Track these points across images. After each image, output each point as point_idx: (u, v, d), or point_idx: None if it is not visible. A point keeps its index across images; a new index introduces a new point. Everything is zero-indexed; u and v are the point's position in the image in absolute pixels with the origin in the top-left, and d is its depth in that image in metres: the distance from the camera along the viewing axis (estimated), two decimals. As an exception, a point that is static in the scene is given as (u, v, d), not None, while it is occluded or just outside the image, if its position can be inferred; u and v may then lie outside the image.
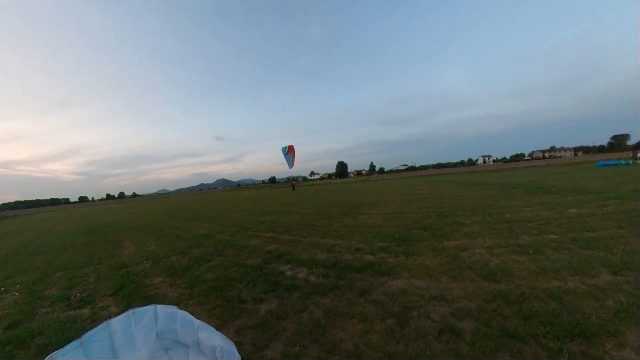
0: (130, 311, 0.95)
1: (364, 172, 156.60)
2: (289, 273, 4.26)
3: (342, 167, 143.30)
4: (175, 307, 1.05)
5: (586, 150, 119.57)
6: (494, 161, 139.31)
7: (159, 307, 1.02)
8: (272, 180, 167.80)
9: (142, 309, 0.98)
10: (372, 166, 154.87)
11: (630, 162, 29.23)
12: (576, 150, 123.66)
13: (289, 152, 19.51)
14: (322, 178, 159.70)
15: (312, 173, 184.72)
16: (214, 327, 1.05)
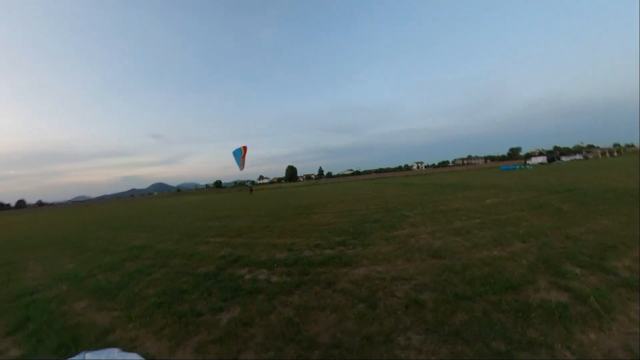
0: None
1: (313, 176, 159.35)
2: (248, 276, 3.99)
3: (292, 171, 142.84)
4: (116, 350, 0.74)
5: (493, 158, 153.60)
6: (425, 167, 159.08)
7: (89, 355, 0.70)
8: (218, 184, 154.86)
9: None
10: (320, 170, 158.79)
11: (523, 167, 42.51)
12: (486, 158, 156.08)
13: (244, 155, 18.28)
14: (271, 182, 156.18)
15: (261, 177, 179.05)
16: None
